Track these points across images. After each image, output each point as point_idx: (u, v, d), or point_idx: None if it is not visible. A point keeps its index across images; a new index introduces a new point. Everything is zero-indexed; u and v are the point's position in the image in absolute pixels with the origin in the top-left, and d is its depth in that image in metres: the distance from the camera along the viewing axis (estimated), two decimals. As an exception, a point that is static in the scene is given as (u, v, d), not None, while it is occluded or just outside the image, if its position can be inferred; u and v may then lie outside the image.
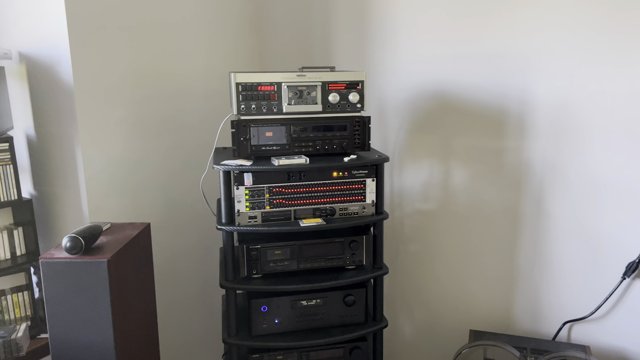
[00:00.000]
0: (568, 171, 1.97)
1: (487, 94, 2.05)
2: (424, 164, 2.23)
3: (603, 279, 1.97)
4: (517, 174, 2.06)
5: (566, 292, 2.05)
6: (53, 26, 1.84)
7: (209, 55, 2.28)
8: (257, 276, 1.79)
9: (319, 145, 1.78)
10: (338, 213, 1.79)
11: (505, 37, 1.98)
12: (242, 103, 1.70)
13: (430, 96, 2.16)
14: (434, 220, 2.25)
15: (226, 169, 1.67)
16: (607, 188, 1.91)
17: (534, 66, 1.95)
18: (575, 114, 1.92)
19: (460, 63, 2.08)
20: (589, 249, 1.98)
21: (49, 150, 2.01)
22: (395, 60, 2.20)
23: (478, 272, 2.20)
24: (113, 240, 1.61)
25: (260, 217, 1.73)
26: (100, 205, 1.97)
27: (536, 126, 1.99)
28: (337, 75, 1.76)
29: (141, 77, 2.05)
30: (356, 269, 1.86)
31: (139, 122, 2.06)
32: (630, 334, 1.96)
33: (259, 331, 1.82)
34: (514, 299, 2.15)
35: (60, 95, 1.90)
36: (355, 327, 1.87)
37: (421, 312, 2.35)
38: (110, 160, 1.99)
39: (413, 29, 2.14)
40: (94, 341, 1.50)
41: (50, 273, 1.46)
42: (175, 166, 2.21)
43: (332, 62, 2.33)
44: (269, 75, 1.71)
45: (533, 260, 2.08)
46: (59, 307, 1.48)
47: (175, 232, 2.24)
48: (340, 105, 1.77)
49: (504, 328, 2.19)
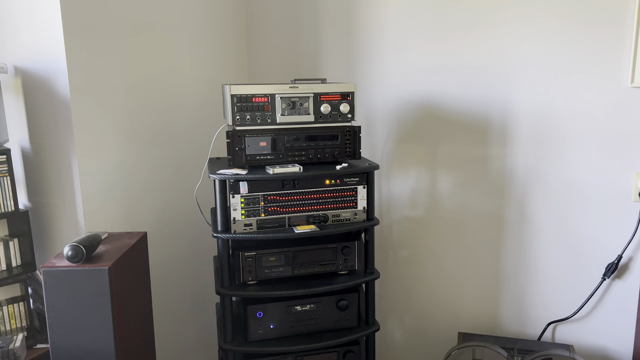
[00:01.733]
0: (549, 177, 2.05)
1: (471, 104, 2.13)
2: (411, 171, 2.30)
3: (584, 280, 2.06)
4: (501, 180, 2.14)
5: (550, 294, 2.12)
6: (49, 40, 1.88)
7: (201, 67, 2.34)
8: (253, 282, 1.84)
9: (312, 154, 1.84)
10: (331, 219, 1.85)
11: (487, 50, 2.07)
12: (237, 114, 1.76)
13: (416, 106, 2.24)
14: (422, 226, 2.32)
15: (222, 178, 1.72)
16: (587, 193, 2.00)
17: (515, 77, 2.04)
18: (555, 122, 2.01)
19: (444, 74, 2.16)
20: (570, 252, 2.06)
21: (44, 162, 2.04)
22: (383, 72, 2.27)
23: (465, 276, 2.27)
24: (112, 249, 1.65)
25: (256, 225, 1.78)
26: (95, 216, 2.00)
27: (518, 134, 2.08)
28: (329, 87, 1.82)
29: (136, 88, 2.10)
30: (349, 274, 1.91)
31: (133, 133, 2.10)
32: (611, 332, 2.04)
33: (254, 337, 1.86)
34: (501, 301, 2.22)
35: (57, 107, 1.94)
36: (348, 331, 1.92)
37: (411, 316, 2.41)
38: (106, 171, 2.02)
39: (399, 42, 2.22)
40: (94, 348, 1.52)
41: (51, 281, 1.49)
42: (170, 176, 2.25)
43: (321, 74, 2.40)
44: (263, 87, 1.77)
45: (518, 264, 2.16)
46: (60, 315, 1.50)
47: (170, 241, 2.28)
48: (331, 115, 1.84)
49: (491, 330, 2.26)
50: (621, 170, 1.94)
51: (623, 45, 1.87)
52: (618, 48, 1.88)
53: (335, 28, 2.34)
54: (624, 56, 1.87)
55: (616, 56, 1.89)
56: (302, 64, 2.44)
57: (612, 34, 1.88)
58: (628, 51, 1.86)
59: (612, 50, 1.89)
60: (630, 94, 1.89)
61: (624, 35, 1.86)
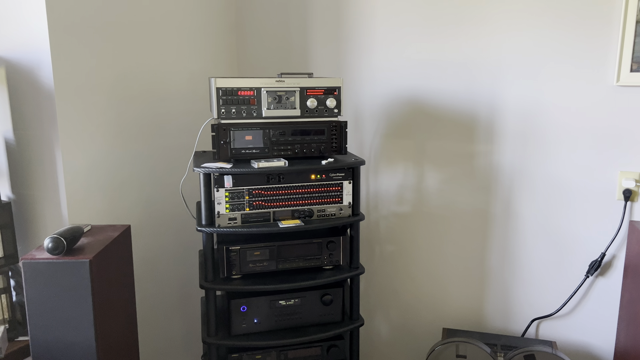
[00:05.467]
0: (535, 174, 2.06)
1: (459, 100, 2.13)
2: (398, 167, 2.30)
3: (568, 277, 2.07)
4: (487, 177, 2.14)
5: (534, 291, 2.14)
6: (34, 30, 1.86)
7: (189, 60, 2.32)
8: (237, 277, 1.83)
9: (298, 148, 1.83)
10: (316, 214, 1.84)
11: (475, 46, 2.07)
12: (222, 107, 1.75)
13: (404, 102, 2.24)
14: (408, 221, 2.32)
15: (206, 172, 1.71)
16: (572, 190, 2.01)
17: (502, 74, 2.05)
18: (541, 119, 2.02)
19: (433, 70, 2.16)
20: (555, 249, 2.07)
21: (28, 153, 2.02)
22: (371, 67, 2.27)
23: (451, 271, 2.28)
24: (94, 242, 1.63)
25: (240, 219, 1.78)
26: (79, 208, 1.98)
27: (505, 131, 2.08)
28: (315, 81, 1.82)
29: (122, 80, 2.08)
30: (333, 269, 1.91)
31: (119, 125, 2.09)
32: (594, 329, 2.06)
33: (238, 331, 1.85)
34: (486, 297, 2.23)
35: (41, 98, 1.91)
36: (333, 325, 1.92)
37: (396, 311, 2.41)
38: (90, 163, 2.01)
39: (388, 38, 2.21)
40: (75, 341, 1.51)
41: (31, 274, 1.47)
42: (155, 169, 2.23)
43: (310, 68, 2.39)
44: (249, 81, 1.76)
45: (503, 260, 2.17)
46: (40, 308, 1.49)
47: (155, 234, 2.27)
48: (318, 110, 1.83)
49: (476, 326, 2.27)
50: (606, 168, 1.95)
51: (609, 43, 1.87)
52: (604, 47, 1.88)
53: (325, 23, 2.33)
54: (610, 55, 1.88)
55: (602, 55, 1.89)
56: (292, 58, 2.43)
57: (599, 32, 1.88)
58: (614, 50, 1.87)
59: (599, 48, 1.89)
60: (615, 92, 1.89)
61: (611, 34, 1.87)
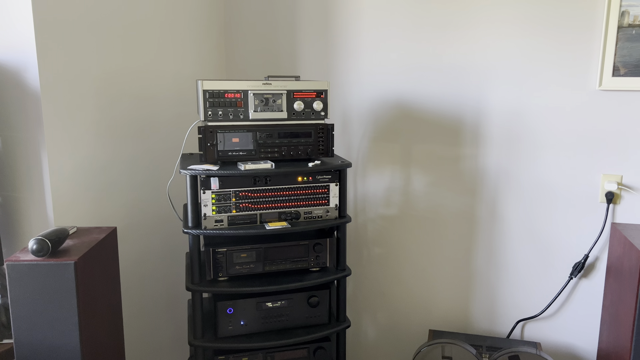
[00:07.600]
0: (520, 177, 2.08)
1: (446, 104, 2.15)
2: (386, 170, 2.31)
3: (552, 279, 2.09)
4: (473, 180, 2.16)
5: (519, 292, 2.16)
6: (20, 32, 1.85)
7: (177, 62, 2.32)
8: (223, 279, 1.83)
9: (284, 151, 1.84)
10: (303, 216, 1.85)
11: (461, 51, 2.09)
12: (209, 109, 1.75)
13: (391, 105, 2.25)
14: (395, 224, 2.33)
15: (193, 174, 1.71)
16: (556, 193, 2.04)
17: (488, 78, 2.07)
18: (526, 123, 2.04)
19: (420, 75, 2.18)
20: (539, 251, 2.10)
21: (13, 155, 2.01)
22: (359, 71, 2.28)
23: (438, 274, 2.29)
24: (79, 244, 1.63)
25: (227, 221, 1.78)
26: (65, 210, 1.97)
27: (491, 135, 2.10)
28: (302, 84, 1.83)
29: (109, 82, 2.07)
30: (320, 271, 1.92)
31: (106, 127, 2.08)
32: (577, 330, 2.08)
33: (224, 333, 1.85)
34: (471, 299, 2.25)
35: (26, 100, 1.90)
36: (319, 327, 1.93)
37: (383, 313, 2.43)
38: (77, 165, 2.00)
39: (376, 42, 2.23)
40: (59, 344, 1.50)
41: (16, 276, 1.46)
42: (142, 171, 2.23)
43: (298, 71, 2.40)
44: (236, 83, 1.77)
45: (489, 262, 2.19)
46: (25, 310, 1.48)
47: (141, 236, 2.26)
48: (305, 113, 1.84)
49: (462, 327, 2.29)
50: (589, 171, 1.98)
51: (592, 49, 1.91)
52: (587, 52, 1.92)
53: (313, 26, 2.34)
54: (592, 60, 1.91)
55: (585, 60, 1.92)
56: (280, 61, 2.44)
57: (582, 38, 1.91)
58: (597, 55, 1.90)
59: (582, 54, 1.92)
60: (598, 96, 1.92)
61: (593, 39, 1.90)
